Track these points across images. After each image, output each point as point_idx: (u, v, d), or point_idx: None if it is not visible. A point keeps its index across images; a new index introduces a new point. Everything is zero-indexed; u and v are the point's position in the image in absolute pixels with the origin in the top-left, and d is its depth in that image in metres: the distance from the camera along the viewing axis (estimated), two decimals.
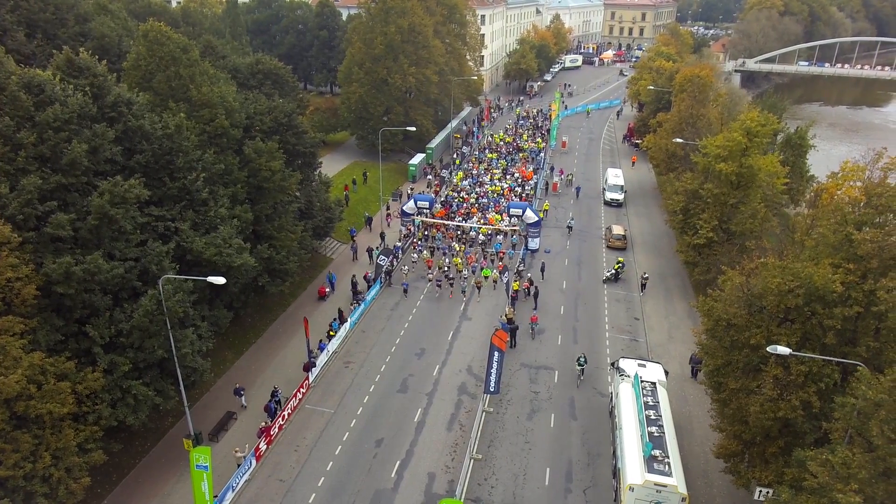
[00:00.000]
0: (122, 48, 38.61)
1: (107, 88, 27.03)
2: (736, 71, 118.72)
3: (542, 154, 69.13)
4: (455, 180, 60.83)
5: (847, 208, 20.92)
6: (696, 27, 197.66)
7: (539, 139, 75.02)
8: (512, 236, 48.97)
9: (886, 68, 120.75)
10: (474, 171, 63.34)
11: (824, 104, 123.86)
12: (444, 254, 45.53)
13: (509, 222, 49.33)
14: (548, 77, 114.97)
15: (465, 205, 54.05)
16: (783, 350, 19.24)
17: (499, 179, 60.81)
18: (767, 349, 19.73)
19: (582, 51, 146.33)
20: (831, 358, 19.75)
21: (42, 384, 20.90)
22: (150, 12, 52.04)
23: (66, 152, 23.52)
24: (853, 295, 19.39)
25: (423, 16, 65.27)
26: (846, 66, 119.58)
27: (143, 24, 32.49)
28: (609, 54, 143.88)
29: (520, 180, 60.57)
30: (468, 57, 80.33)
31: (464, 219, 50.93)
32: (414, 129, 58.72)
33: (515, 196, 55.91)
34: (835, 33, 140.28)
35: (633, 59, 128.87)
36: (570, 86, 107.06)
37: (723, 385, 23.51)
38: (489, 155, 69.04)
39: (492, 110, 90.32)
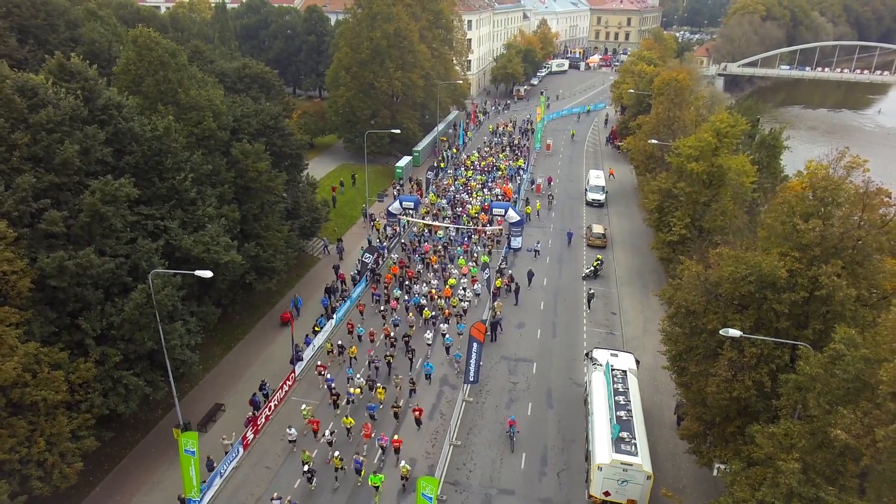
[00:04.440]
0: (111, 53, 39.74)
1: (98, 92, 28.15)
2: (719, 75, 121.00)
3: (520, 171, 66.16)
4: (429, 199, 56.92)
5: (794, 201, 22.40)
6: (681, 32, 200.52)
7: (521, 159, 70.40)
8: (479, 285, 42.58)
9: (866, 71, 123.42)
10: (451, 189, 59.66)
11: (806, 107, 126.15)
12: (370, 389, 32.13)
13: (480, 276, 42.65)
14: (534, 81, 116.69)
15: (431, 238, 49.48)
16: (734, 332, 20.61)
17: (477, 196, 57.25)
18: (720, 332, 21.08)
19: (568, 55, 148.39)
20: (779, 339, 21.13)
21: (37, 372, 21.96)
22: (140, 18, 53.17)
23: (59, 153, 24.61)
24: (799, 281, 20.78)
25: (409, 21, 66.66)
26: (827, 69, 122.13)
27: (132, 30, 33.61)
28: (595, 59, 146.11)
29: (500, 196, 57.59)
30: (455, 61, 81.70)
31: (412, 282, 42.63)
32: (399, 131, 59.94)
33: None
34: (816, 37, 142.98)
35: (618, 64, 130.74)
36: (545, 92, 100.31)
37: (685, 370, 24.89)
38: (465, 172, 65.07)
39: (478, 114, 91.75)
